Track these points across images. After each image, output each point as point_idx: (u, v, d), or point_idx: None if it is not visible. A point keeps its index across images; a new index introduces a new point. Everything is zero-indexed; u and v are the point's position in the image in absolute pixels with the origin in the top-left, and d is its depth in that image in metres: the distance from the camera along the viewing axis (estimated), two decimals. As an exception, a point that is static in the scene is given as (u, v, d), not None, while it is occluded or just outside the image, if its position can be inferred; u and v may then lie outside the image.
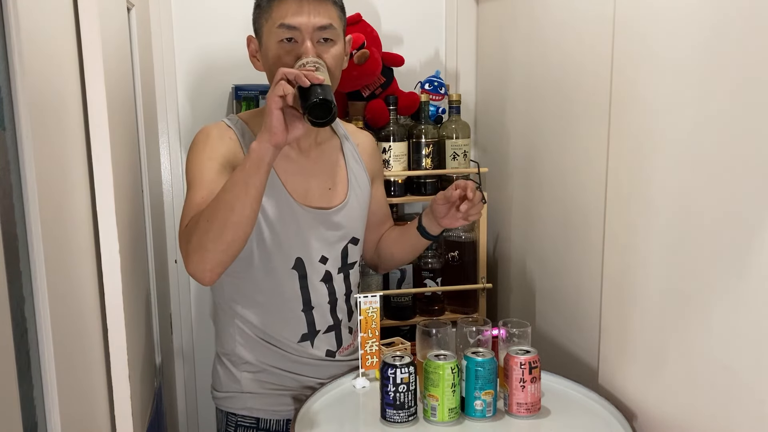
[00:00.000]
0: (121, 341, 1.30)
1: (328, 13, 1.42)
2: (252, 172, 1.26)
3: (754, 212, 1.11)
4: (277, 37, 1.41)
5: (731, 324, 1.18)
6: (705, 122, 1.22)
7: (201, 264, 1.30)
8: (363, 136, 1.69)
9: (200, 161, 1.43)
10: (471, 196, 1.48)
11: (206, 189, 1.38)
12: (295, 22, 1.39)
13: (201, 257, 1.29)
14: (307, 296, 1.51)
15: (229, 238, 1.28)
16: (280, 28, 1.40)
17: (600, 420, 1.38)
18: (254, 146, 1.26)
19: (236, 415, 1.55)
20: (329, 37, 1.42)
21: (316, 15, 1.40)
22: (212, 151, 1.43)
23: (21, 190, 0.94)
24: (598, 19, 1.56)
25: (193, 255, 1.30)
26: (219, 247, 1.28)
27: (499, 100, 2.20)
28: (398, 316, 2.10)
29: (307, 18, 1.39)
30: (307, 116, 1.24)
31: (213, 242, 1.28)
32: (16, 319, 0.91)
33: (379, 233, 1.72)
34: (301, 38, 1.40)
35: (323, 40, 1.42)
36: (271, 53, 1.42)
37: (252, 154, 1.26)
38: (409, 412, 1.33)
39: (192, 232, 1.31)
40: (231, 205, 1.27)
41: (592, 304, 1.63)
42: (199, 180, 1.41)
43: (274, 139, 1.25)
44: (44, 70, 1.03)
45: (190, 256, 1.31)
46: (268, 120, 1.25)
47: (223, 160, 1.43)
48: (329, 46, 1.43)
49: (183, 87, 2.24)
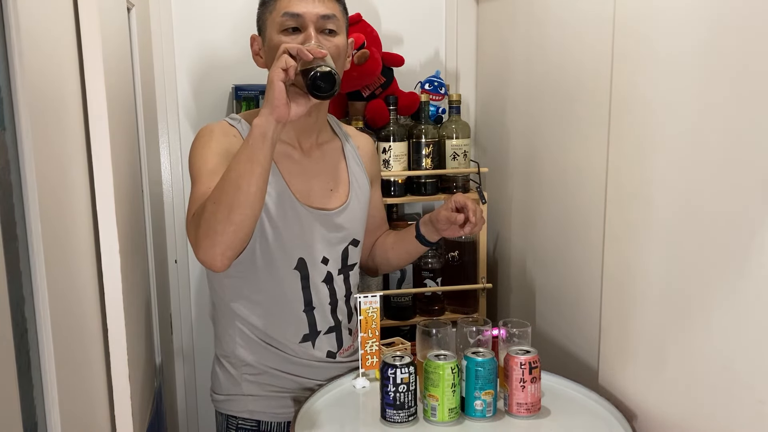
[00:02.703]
0: (121, 341, 1.30)
1: (332, 4, 1.45)
2: (256, 148, 1.23)
3: (755, 212, 1.11)
4: (280, 27, 1.42)
5: (731, 324, 1.18)
6: (705, 122, 1.22)
7: (212, 248, 1.26)
8: (363, 139, 1.69)
9: (204, 155, 1.42)
10: (473, 220, 1.52)
11: (211, 179, 1.36)
12: (299, 9, 1.41)
13: (211, 241, 1.25)
14: (309, 297, 1.51)
15: (237, 219, 1.24)
16: (283, 17, 1.42)
17: (600, 420, 1.38)
18: (257, 121, 1.24)
19: (237, 418, 1.55)
20: (332, 27, 1.44)
21: (320, 4, 1.42)
22: (216, 146, 1.43)
23: (21, 190, 0.94)
24: (598, 19, 1.56)
25: (203, 240, 1.27)
26: (228, 229, 1.24)
27: (499, 100, 2.20)
28: (398, 316, 2.10)
29: (311, 6, 1.41)
30: (311, 87, 1.23)
31: (222, 224, 1.24)
32: (16, 319, 0.91)
33: (375, 237, 1.73)
34: (304, 26, 1.42)
35: (327, 32, 1.43)
36: (275, 43, 1.43)
37: (255, 129, 1.24)
38: (409, 412, 1.33)
39: (200, 218, 1.28)
40: (237, 184, 1.23)
41: (592, 304, 1.63)
42: (204, 172, 1.39)
43: (276, 113, 1.23)
44: (44, 70, 1.03)
45: (199, 243, 1.27)
46: (269, 93, 1.23)
47: (226, 155, 1.41)
48: (332, 36, 1.44)
49: (183, 87, 2.24)
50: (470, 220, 1.51)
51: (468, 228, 1.52)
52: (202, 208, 1.29)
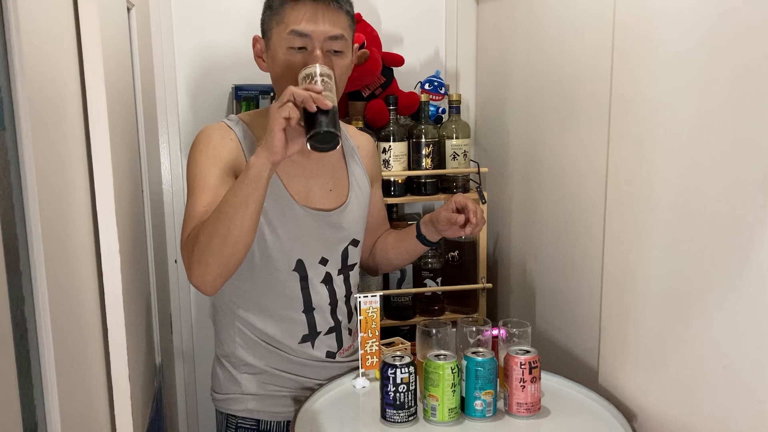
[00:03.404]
0: (121, 341, 1.30)
1: (341, 22, 1.42)
2: (251, 188, 1.28)
3: (755, 212, 1.11)
4: (287, 43, 1.40)
5: (731, 324, 1.18)
6: (705, 122, 1.22)
7: (203, 276, 1.32)
8: (363, 139, 1.69)
9: (201, 165, 1.43)
10: (474, 221, 1.51)
11: (208, 196, 1.39)
12: (307, 29, 1.39)
13: (203, 270, 1.32)
14: (308, 298, 1.51)
15: (229, 252, 1.30)
16: (291, 35, 1.39)
17: (600, 420, 1.38)
18: (254, 161, 1.27)
19: (236, 417, 1.55)
20: (339, 48, 1.42)
21: (329, 24, 1.39)
22: (214, 155, 1.43)
23: (21, 190, 0.94)
24: (598, 19, 1.56)
25: (195, 267, 1.33)
26: (220, 261, 1.31)
27: (499, 100, 2.20)
28: (398, 316, 2.10)
29: (319, 26, 1.39)
30: (310, 141, 1.24)
31: (214, 256, 1.30)
32: (16, 319, 0.91)
33: (376, 236, 1.72)
34: (311, 46, 1.40)
35: (333, 52, 1.41)
36: (280, 59, 1.42)
37: (251, 170, 1.27)
38: (409, 412, 1.33)
39: (193, 245, 1.33)
40: (230, 219, 1.28)
41: (592, 304, 1.63)
42: (201, 186, 1.41)
43: (273, 158, 1.26)
44: (44, 70, 1.03)
45: (192, 268, 1.33)
46: (269, 138, 1.25)
47: (224, 164, 1.43)
48: (338, 57, 1.43)
49: (183, 87, 2.24)
50: (471, 221, 1.51)
51: (469, 229, 1.52)
52: (195, 235, 1.33)
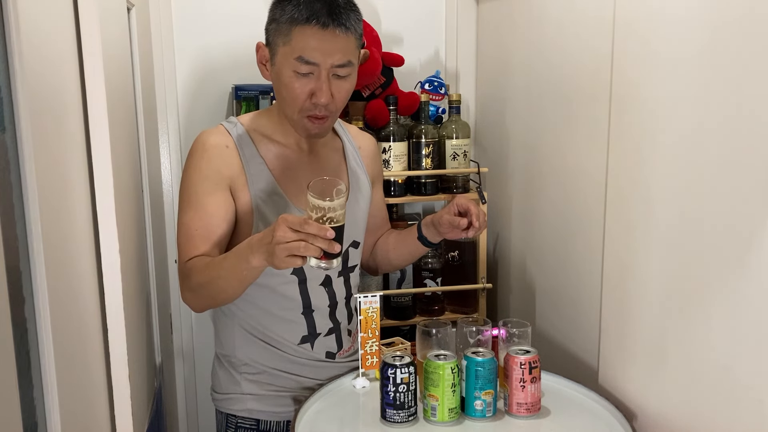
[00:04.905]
0: (121, 341, 1.30)
1: (350, 48, 1.40)
2: (247, 274, 1.33)
3: (754, 212, 1.11)
4: (293, 68, 1.39)
5: (731, 324, 1.18)
6: (705, 122, 1.22)
7: (193, 304, 1.46)
8: (365, 139, 1.68)
9: (195, 179, 1.44)
10: (477, 225, 1.50)
11: (201, 218, 1.43)
12: (315, 58, 1.37)
13: (195, 302, 1.45)
14: (307, 300, 1.51)
15: (220, 300, 1.45)
16: (297, 61, 1.38)
17: (600, 420, 1.38)
18: (252, 260, 1.28)
19: (236, 417, 1.55)
20: (345, 74, 1.41)
21: (338, 53, 1.38)
22: (208, 167, 1.44)
23: (21, 190, 0.94)
24: (598, 19, 1.56)
25: (187, 294, 1.44)
26: (210, 303, 1.46)
27: (499, 100, 2.20)
28: (398, 316, 2.10)
29: (327, 56, 1.37)
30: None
31: (205, 299, 1.43)
32: (16, 319, 0.91)
33: (377, 236, 1.72)
34: (317, 72, 1.39)
35: (338, 76, 1.41)
36: (285, 81, 1.41)
37: (248, 263, 1.29)
38: (409, 412, 1.33)
39: (188, 278, 1.41)
40: (223, 288, 1.38)
41: (592, 304, 1.63)
42: (195, 202, 1.43)
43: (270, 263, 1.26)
44: (44, 70, 1.03)
45: (184, 293, 1.45)
46: (273, 258, 1.22)
47: (218, 178, 1.44)
48: (343, 81, 1.42)
49: (183, 87, 2.24)
50: (474, 224, 1.50)
51: (471, 232, 1.51)
52: (189, 272, 1.41)
